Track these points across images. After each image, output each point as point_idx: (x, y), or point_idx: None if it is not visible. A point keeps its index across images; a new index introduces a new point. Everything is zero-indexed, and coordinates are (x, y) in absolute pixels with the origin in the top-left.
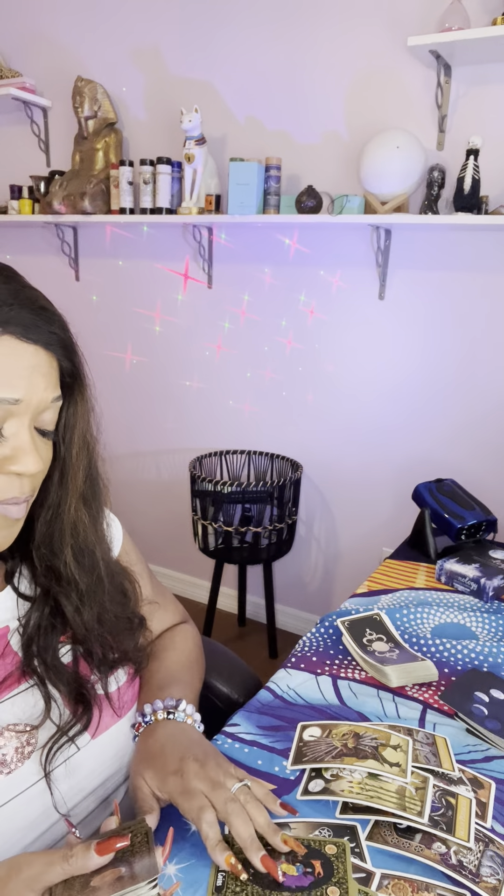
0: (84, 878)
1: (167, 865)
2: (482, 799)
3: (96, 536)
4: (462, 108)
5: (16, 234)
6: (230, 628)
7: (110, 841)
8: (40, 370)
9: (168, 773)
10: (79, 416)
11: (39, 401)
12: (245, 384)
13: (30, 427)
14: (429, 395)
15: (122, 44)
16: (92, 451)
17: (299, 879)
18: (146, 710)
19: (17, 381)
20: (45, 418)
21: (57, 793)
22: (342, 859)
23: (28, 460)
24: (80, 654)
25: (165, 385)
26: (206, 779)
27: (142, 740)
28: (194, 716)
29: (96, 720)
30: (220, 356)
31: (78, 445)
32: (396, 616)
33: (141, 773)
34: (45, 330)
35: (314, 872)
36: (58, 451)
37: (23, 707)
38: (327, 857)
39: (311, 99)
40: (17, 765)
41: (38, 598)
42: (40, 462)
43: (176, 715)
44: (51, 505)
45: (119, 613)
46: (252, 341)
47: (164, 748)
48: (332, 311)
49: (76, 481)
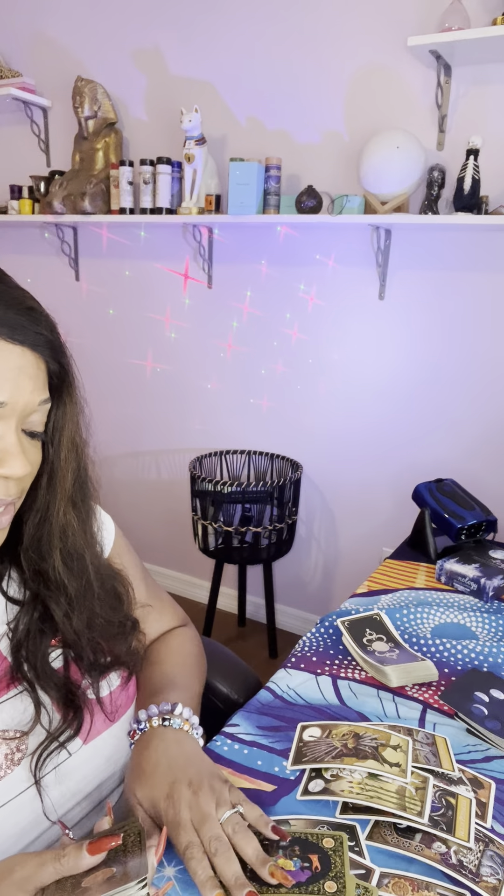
0: (76, 878)
1: (164, 866)
2: (482, 799)
3: (85, 540)
4: (462, 108)
5: (16, 235)
6: (230, 628)
7: (102, 840)
8: (27, 372)
9: (160, 797)
10: (67, 417)
11: (26, 403)
12: (250, 383)
13: (16, 429)
14: (429, 395)
15: (122, 44)
16: (81, 454)
17: (297, 875)
18: (141, 716)
19: (3, 382)
20: (34, 420)
21: (48, 799)
22: (339, 853)
23: (15, 463)
24: (71, 659)
25: (177, 385)
26: (197, 809)
27: (136, 752)
28: (191, 720)
29: (88, 725)
30: (214, 356)
31: (66, 448)
32: (396, 616)
33: (133, 792)
34: (32, 331)
35: (312, 867)
36: (46, 453)
37: (12, 713)
38: (325, 851)
39: (311, 99)
40: (6, 771)
41: (27, 602)
42: (27, 465)
43: (172, 721)
44: (39, 508)
45: (110, 617)
46: (254, 341)
47: (157, 766)
48: (332, 311)
49: (65, 484)
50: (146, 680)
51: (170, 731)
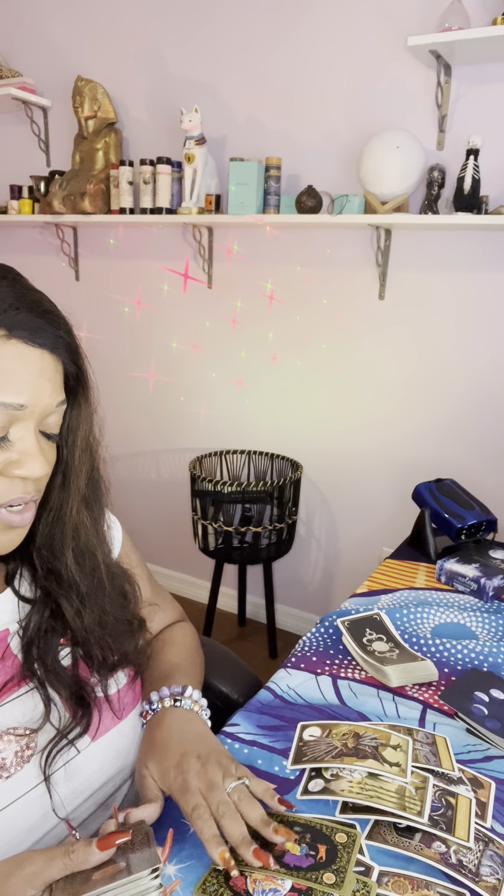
0: (85, 873)
1: (167, 865)
2: (482, 799)
3: (97, 539)
4: (462, 108)
5: (16, 234)
6: (230, 628)
7: (111, 836)
8: (46, 374)
9: (170, 767)
10: (82, 419)
11: (45, 405)
12: (250, 383)
13: (35, 431)
14: (429, 394)
15: (122, 44)
16: (94, 454)
17: (299, 860)
18: (153, 697)
19: (24, 385)
20: (50, 422)
21: (57, 796)
22: (349, 849)
23: (34, 464)
24: (80, 657)
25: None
26: (205, 778)
27: (148, 730)
28: (200, 701)
29: (96, 723)
30: (225, 355)
31: (81, 448)
32: (396, 616)
33: (145, 763)
34: (52, 334)
35: (317, 856)
36: (60, 453)
37: (22, 710)
38: (334, 845)
39: (311, 99)
40: (16, 769)
41: (39, 601)
42: (46, 466)
43: (182, 702)
44: (52, 507)
45: (119, 616)
46: (254, 341)
47: (168, 741)
48: (332, 311)
49: (78, 483)
50: (153, 668)
51: (181, 711)
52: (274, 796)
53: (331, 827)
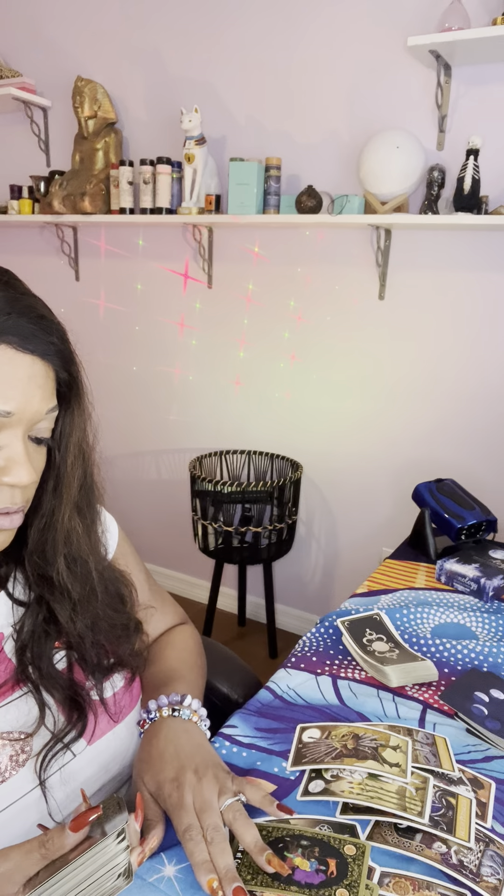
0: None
1: (164, 865)
2: (482, 799)
3: (90, 545)
4: (462, 108)
5: (16, 234)
6: (230, 628)
7: (83, 815)
8: (36, 381)
9: (165, 780)
10: (75, 424)
11: (34, 412)
12: (249, 383)
13: (23, 438)
14: (429, 394)
15: (122, 44)
16: (87, 460)
17: (310, 876)
18: (151, 706)
19: (12, 392)
20: (41, 427)
21: (53, 800)
22: (359, 862)
23: (21, 472)
24: (75, 660)
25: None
26: (200, 795)
27: (145, 740)
28: (199, 711)
29: (92, 726)
30: (221, 355)
31: (73, 454)
32: (396, 616)
33: (141, 777)
34: (44, 340)
35: (327, 871)
36: (52, 458)
37: (17, 715)
38: (344, 858)
39: (311, 99)
40: (11, 773)
41: (32, 604)
42: (33, 473)
43: (181, 712)
44: (44, 513)
45: (114, 619)
46: (253, 341)
47: (164, 753)
48: (332, 311)
49: (70, 490)
50: (153, 674)
51: (179, 722)
52: (273, 802)
53: (339, 839)
